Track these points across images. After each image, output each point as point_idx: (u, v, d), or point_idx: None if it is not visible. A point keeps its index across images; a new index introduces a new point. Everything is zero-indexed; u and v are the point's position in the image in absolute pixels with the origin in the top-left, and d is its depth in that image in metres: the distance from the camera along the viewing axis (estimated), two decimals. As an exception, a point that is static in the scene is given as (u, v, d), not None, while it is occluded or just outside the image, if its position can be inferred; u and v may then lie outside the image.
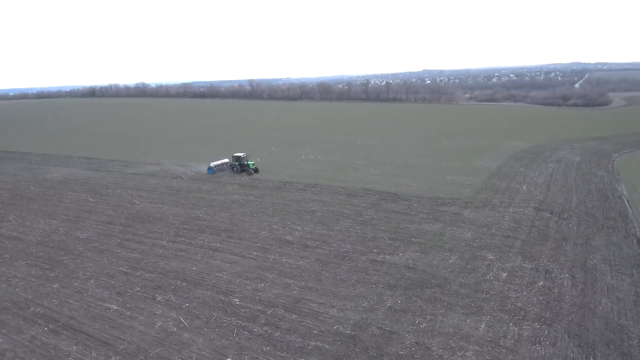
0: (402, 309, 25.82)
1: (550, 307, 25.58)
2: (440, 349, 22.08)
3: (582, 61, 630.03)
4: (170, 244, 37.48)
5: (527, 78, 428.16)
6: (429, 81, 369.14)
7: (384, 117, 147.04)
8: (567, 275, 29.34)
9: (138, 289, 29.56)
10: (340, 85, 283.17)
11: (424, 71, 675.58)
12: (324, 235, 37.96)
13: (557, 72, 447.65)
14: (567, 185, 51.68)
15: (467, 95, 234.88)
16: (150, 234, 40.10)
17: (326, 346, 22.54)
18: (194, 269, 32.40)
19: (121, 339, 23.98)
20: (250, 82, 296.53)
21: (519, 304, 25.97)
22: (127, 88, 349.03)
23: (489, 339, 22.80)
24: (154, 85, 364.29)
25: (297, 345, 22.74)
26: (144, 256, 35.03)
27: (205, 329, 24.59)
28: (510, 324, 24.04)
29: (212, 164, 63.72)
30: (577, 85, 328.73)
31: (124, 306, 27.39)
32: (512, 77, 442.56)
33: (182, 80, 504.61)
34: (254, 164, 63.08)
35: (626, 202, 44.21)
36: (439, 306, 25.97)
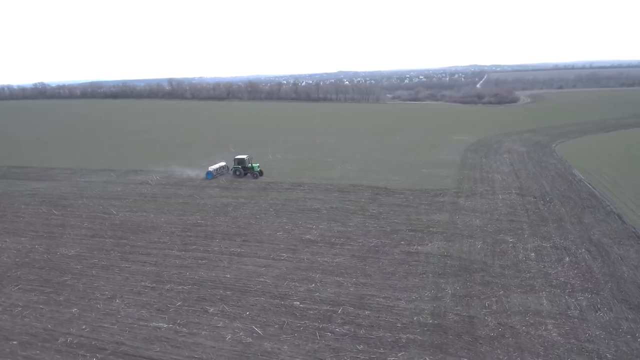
0: (464, 294, 26.78)
1: (588, 279, 28.29)
2: (523, 326, 23.36)
3: (479, 63, 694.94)
4: (184, 253, 34.60)
5: (434, 79, 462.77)
6: (347, 82, 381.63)
7: (326, 116, 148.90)
8: (584, 249, 32.61)
9: (179, 303, 26.94)
10: (269, 85, 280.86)
11: (340, 72, 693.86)
12: (344, 232, 37.75)
13: (460, 74, 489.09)
14: (531, 173, 57.08)
15: (389, 95, 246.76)
16: (152, 244, 36.62)
17: (419, 337, 22.63)
18: (228, 276, 30.32)
19: (195, 357, 21.76)
20: (170, 80, 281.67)
21: (562, 279, 28.34)
22: (22, 89, 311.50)
23: (557, 311, 24.62)
24: (54, 85, 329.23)
25: (389, 340, 22.51)
26: (161, 268, 31.92)
27: (284, 336, 23.26)
28: (566, 297, 26.16)
29: (211, 169, 58.85)
30: (478, 86, 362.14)
31: (175, 323, 24.82)
32: (422, 78, 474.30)
33: (85, 79, 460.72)
34: (259, 167, 59.29)
35: (588, 185, 50.12)
36: (495, 288, 27.36)
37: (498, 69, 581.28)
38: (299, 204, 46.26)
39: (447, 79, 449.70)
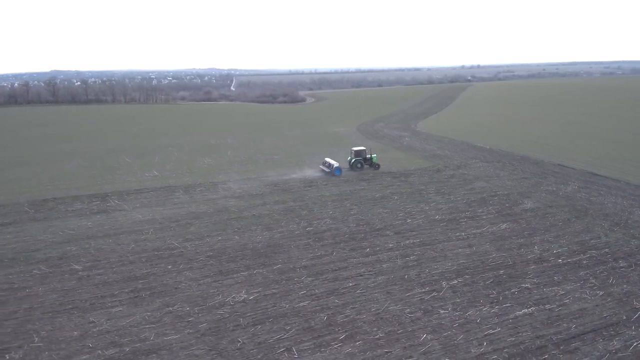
0: (617, 222, 35.60)
1: (640, 201, 41.79)
2: (677, 231, 34.11)
3: (217, 67, 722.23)
4: (373, 257, 30.65)
5: (185, 80, 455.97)
6: (78, 82, 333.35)
7: (153, 118, 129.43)
8: (607, 187, 46.53)
9: (488, 293, 25.51)
10: (17, 84, 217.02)
11: (54, 71, 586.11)
12: (450, 208, 40.39)
13: (210, 76, 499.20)
14: (452, 148, 71.08)
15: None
16: (317, 259, 30.36)
17: (663, 253, 30.06)
18: (462, 260, 29.64)
19: (600, 316, 22.75)
20: None
21: (637, 205, 40.66)
22: None
23: (667, 220, 36.60)
24: None
25: (657, 260, 29.09)
26: (388, 276, 27.88)
27: (601, 284, 26.44)
28: (651, 212, 38.61)
29: (337, 165, 53.93)
30: (232, 87, 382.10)
31: (525, 306, 24.03)
32: (170, 79, 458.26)
33: None
34: (376, 157, 57.30)
35: (508, 150, 67.45)
36: (624, 215, 37.25)
37: (237, 72, 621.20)
38: (355, 195, 44.98)
39: (199, 80, 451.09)
